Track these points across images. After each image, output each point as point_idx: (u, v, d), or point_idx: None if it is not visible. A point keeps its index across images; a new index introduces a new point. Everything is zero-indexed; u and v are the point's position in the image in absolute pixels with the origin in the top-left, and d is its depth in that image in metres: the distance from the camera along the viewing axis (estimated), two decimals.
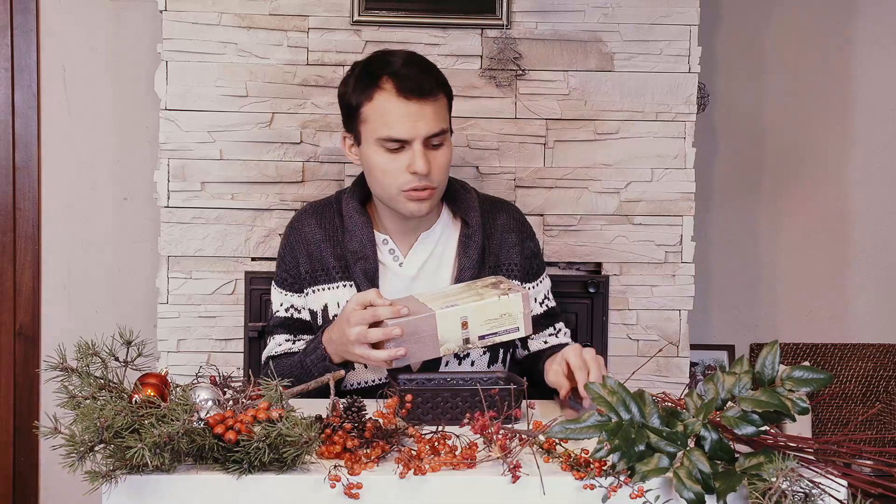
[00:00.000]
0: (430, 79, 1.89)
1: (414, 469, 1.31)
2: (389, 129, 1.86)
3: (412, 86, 1.85)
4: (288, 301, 2.03)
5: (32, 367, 2.82)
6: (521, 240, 2.05)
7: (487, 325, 1.69)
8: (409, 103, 1.85)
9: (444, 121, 1.90)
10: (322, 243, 1.99)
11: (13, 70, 2.78)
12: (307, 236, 2.01)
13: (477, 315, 1.68)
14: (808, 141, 3.05)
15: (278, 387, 1.38)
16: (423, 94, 1.86)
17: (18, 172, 2.81)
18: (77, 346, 1.44)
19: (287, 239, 2.05)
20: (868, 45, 3.04)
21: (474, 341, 1.70)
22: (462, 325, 1.68)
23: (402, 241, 2.00)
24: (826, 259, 3.08)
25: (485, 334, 1.69)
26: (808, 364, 1.39)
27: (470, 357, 1.98)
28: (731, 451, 1.33)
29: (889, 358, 3.04)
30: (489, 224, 2.03)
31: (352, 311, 1.74)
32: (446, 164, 1.92)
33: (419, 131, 1.86)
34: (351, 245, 1.96)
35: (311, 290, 2.00)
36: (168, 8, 2.46)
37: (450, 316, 1.68)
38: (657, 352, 2.56)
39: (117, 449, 1.28)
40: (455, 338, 1.69)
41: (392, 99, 1.86)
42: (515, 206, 2.15)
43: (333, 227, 2.00)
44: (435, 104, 1.88)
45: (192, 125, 2.48)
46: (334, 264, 1.98)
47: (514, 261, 2.02)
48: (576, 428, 1.33)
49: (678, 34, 2.55)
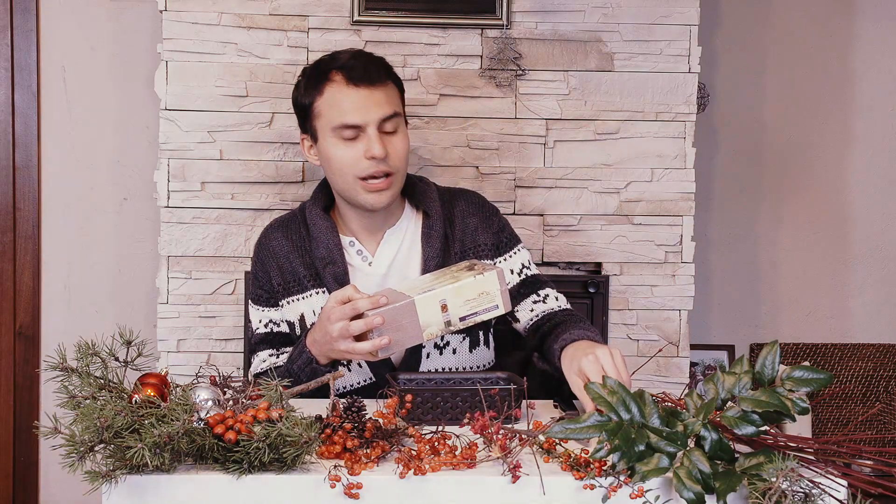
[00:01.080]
0: (378, 68, 1.93)
1: (414, 469, 1.31)
2: (343, 115, 1.90)
3: (359, 73, 1.90)
4: (266, 316, 2.04)
5: (32, 367, 2.82)
6: (483, 219, 2.05)
7: (466, 305, 1.72)
8: (359, 89, 1.90)
9: (396, 106, 1.93)
10: (290, 254, 2.01)
11: (13, 70, 2.78)
12: (275, 250, 2.02)
13: (455, 297, 1.71)
14: (808, 141, 3.05)
15: (278, 387, 1.38)
16: (371, 80, 1.90)
17: (18, 172, 2.81)
18: (77, 346, 1.44)
19: (257, 256, 2.06)
20: (868, 45, 3.04)
21: (455, 323, 1.72)
22: (441, 308, 1.71)
23: (369, 241, 2.02)
24: (826, 259, 3.08)
25: (465, 315, 1.72)
26: (808, 364, 1.39)
27: (451, 346, 1.99)
28: (731, 451, 1.33)
29: (889, 358, 3.04)
30: (449, 212, 2.04)
31: (331, 308, 1.73)
32: (403, 150, 1.94)
33: (371, 115, 1.89)
34: (318, 251, 1.98)
35: (286, 301, 2.01)
36: (168, 8, 2.46)
37: (429, 300, 1.70)
38: (657, 352, 2.56)
39: (117, 449, 1.28)
40: (436, 321, 1.71)
41: (343, 88, 1.91)
42: (475, 192, 2.14)
43: (300, 237, 2.02)
44: (385, 90, 1.92)
45: (192, 125, 2.48)
46: (304, 273, 1.99)
47: (481, 241, 2.03)
48: (576, 428, 1.33)
49: (678, 34, 2.55)
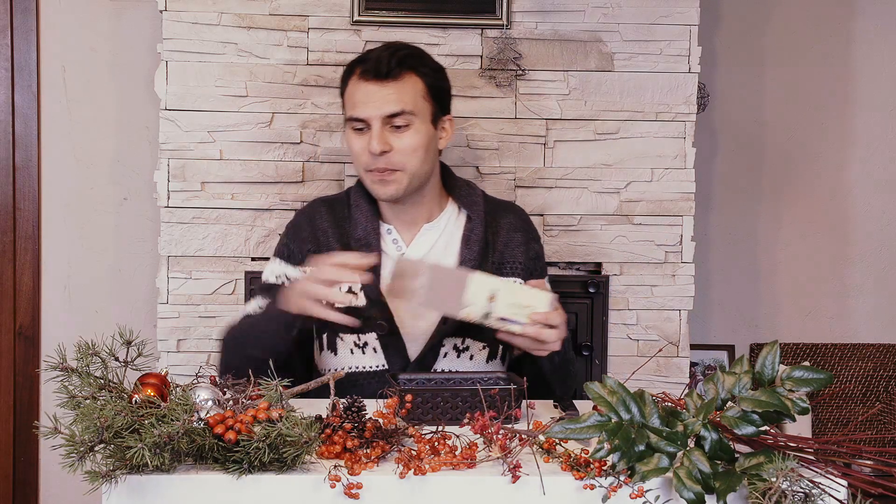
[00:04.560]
0: (391, 61, 1.93)
1: (414, 469, 1.31)
2: (352, 109, 1.96)
3: (370, 67, 1.93)
4: (283, 270, 2.04)
5: (32, 367, 2.82)
6: (527, 240, 2.08)
7: (510, 308, 1.71)
8: (368, 84, 1.93)
9: (407, 102, 1.93)
10: (330, 230, 2.03)
11: (13, 70, 2.78)
12: (317, 222, 2.05)
13: (506, 295, 1.71)
14: (807, 141, 3.05)
15: (278, 387, 1.38)
16: (379, 75, 1.92)
17: (18, 172, 2.81)
18: (77, 346, 1.43)
19: (298, 218, 2.09)
20: (868, 45, 3.04)
21: (493, 318, 1.71)
22: (489, 298, 1.69)
23: (406, 232, 2.03)
24: (826, 259, 3.08)
25: (505, 317, 1.71)
26: (808, 364, 1.39)
27: (469, 351, 2.00)
28: (731, 451, 1.33)
29: (889, 358, 3.04)
30: (495, 222, 2.06)
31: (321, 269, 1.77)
32: (412, 146, 1.94)
33: (374, 111, 1.92)
34: (355, 233, 2.00)
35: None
36: (168, 8, 2.46)
37: (483, 283, 1.70)
38: (657, 352, 2.56)
39: (117, 449, 1.28)
40: (479, 306, 1.70)
41: (357, 82, 1.95)
42: (522, 209, 2.18)
43: (342, 217, 2.04)
44: (397, 85, 1.93)
45: (192, 125, 2.48)
46: (339, 249, 1.99)
47: (519, 259, 2.05)
48: (576, 428, 1.33)
49: (678, 34, 2.55)
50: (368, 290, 1.95)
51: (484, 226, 2.03)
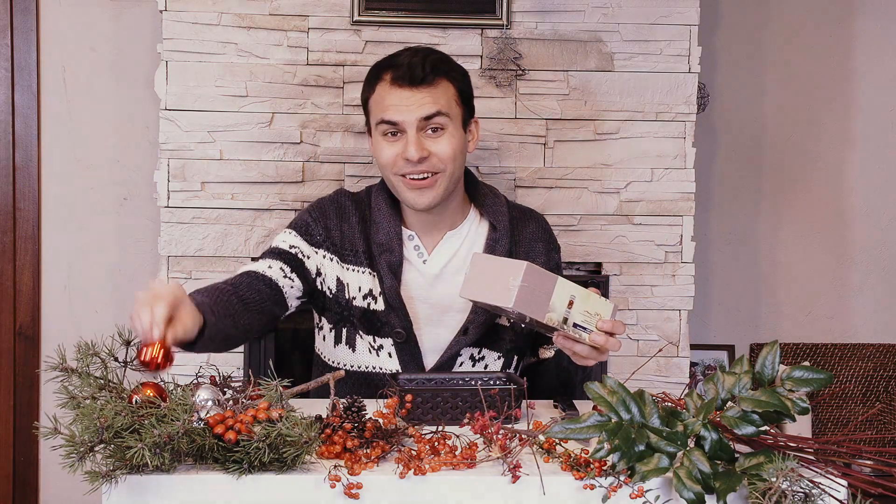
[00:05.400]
0: (425, 67, 1.92)
1: (414, 469, 1.31)
2: (384, 112, 1.93)
3: (402, 73, 1.92)
4: (296, 242, 1.99)
5: (32, 367, 2.82)
6: (548, 251, 2.06)
7: (583, 315, 1.66)
8: (402, 90, 1.91)
9: (442, 105, 1.92)
10: (356, 222, 2.00)
11: (13, 70, 2.78)
12: (344, 211, 2.02)
13: (582, 301, 1.66)
14: (807, 141, 3.05)
15: (278, 387, 1.38)
16: (414, 81, 1.91)
17: (18, 172, 2.81)
18: (77, 346, 1.44)
19: (325, 204, 2.04)
20: (868, 45, 3.04)
21: (570, 324, 1.66)
22: (569, 303, 1.66)
23: (428, 239, 2.01)
24: (826, 259, 3.08)
25: (578, 322, 1.66)
26: (808, 364, 1.39)
27: (485, 360, 1.99)
28: (731, 451, 1.33)
29: (889, 358, 3.04)
30: (518, 231, 2.04)
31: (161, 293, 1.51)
32: (449, 150, 1.92)
33: (409, 115, 1.90)
34: (377, 237, 1.98)
35: (327, 255, 1.99)
36: (168, 8, 2.46)
37: (566, 287, 1.65)
38: (657, 352, 2.56)
39: (117, 449, 1.28)
40: (560, 310, 1.65)
41: (388, 87, 1.93)
42: (544, 217, 2.14)
43: (365, 216, 2.02)
44: (431, 90, 1.92)
45: (192, 125, 2.48)
46: (363, 249, 1.98)
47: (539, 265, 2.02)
48: (576, 428, 1.34)
49: (678, 34, 2.55)
50: (389, 295, 1.94)
51: (510, 237, 2.01)
